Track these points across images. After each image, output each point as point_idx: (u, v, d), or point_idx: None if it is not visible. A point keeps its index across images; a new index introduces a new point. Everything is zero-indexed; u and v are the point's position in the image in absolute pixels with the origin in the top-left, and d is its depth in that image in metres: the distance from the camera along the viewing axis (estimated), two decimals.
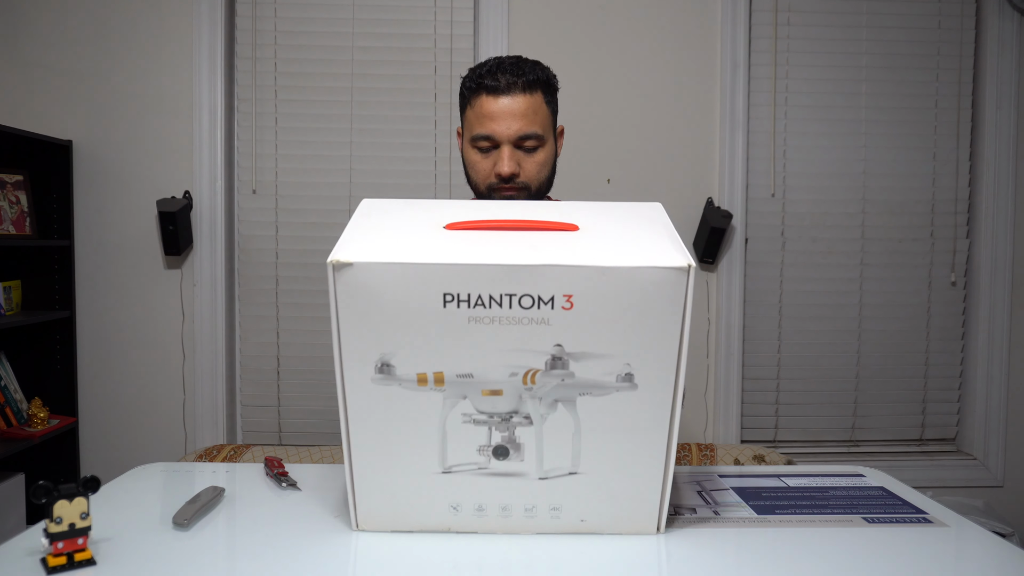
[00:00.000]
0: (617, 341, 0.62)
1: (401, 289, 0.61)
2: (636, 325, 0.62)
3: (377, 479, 0.70)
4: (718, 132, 2.19)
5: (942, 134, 2.26)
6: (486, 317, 0.62)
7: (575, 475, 0.67)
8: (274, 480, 0.89)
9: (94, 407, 2.16)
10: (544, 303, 0.62)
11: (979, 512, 2.10)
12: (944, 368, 2.30)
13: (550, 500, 0.68)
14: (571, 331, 0.62)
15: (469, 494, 0.69)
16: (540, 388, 0.64)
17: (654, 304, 0.62)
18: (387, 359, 0.64)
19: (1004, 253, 2.24)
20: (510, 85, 1.11)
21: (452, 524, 0.71)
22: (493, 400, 0.65)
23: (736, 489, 0.89)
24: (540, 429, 0.66)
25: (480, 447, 0.67)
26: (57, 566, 0.63)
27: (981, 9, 2.23)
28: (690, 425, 2.23)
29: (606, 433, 0.65)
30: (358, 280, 0.61)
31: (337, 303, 0.62)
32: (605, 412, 0.65)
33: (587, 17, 2.17)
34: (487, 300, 0.62)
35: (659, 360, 0.63)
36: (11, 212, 2.01)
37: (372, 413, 0.67)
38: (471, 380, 0.64)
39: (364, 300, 0.62)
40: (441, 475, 0.69)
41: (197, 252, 2.15)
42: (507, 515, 0.70)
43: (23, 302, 2.09)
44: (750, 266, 2.24)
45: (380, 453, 0.69)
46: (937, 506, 0.83)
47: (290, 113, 2.18)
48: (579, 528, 0.70)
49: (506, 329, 0.62)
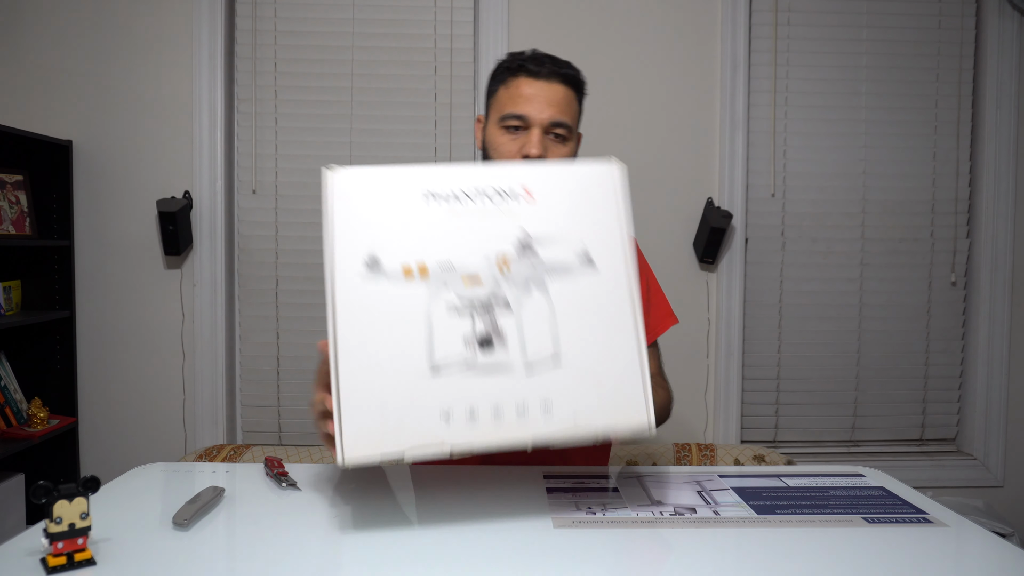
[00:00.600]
0: (572, 225, 0.76)
1: (388, 189, 0.73)
2: (584, 212, 0.77)
3: (366, 390, 0.69)
4: (718, 132, 2.19)
5: (942, 134, 2.26)
6: (462, 211, 0.74)
7: (559, 365, 0.72)
8: (274, 480, 0.89)
9: (94, 407, 2.16)
10: (509, 196, 0.76)
11: (979, 512, 2.10)
12: (944, 368, 2.30)
13: (540, 394, 0.71)
14: (533, 218, 0.75)
15: (459, 397, 0.69)
16: (514, 274, 0.73)
17: (595, 195, 0.78)
18: (375, 252, 0.71)
19: (1004, 253, 2.24)
20: (551, 73, 1.13)
21: (445, 436, 0.69)
22: (473, 289, 0.72)
23: (736, 489, 0.89)
24: (519, 315, 0.73)
25: (465, 338, 0.71)
26: (57, 566, 0.63)
27: (981, 9, 2.23)
28: (690, 425, 2.23)
29: (578, 314, 0.74)
30: (351, 182, 0.73)
31: (333, 204, 0.71)
32: (574, 293, 0.74)
33: (587, 17, 2.17)
34: (461, 196, 0.75)
35: (609, 243, 0.76)
36: (11, 212, 2.01)
37: (361, 314, 0.69)
38: (452, 270, 0.72)
39: (356, 199, 0.72)
40: (430, 379, 0.69)
41: (197, 252, 2.15)
42: (499, 420, 0.70)
43: (23, 302, 2.09)
44: (750, 266, 2.24)
45: (368, 356, 0.69)
46: (937, 506, 0.83)
47: (290, 113, 2.18)
48: (574, 430, 0.71)
49: (479, 221, 0.74)
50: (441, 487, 0.89)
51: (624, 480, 0.93)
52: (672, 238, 2.19)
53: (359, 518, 0.79)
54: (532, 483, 0.91)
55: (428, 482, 0.91)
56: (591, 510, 0.81)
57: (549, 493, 0.87)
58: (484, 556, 0.69)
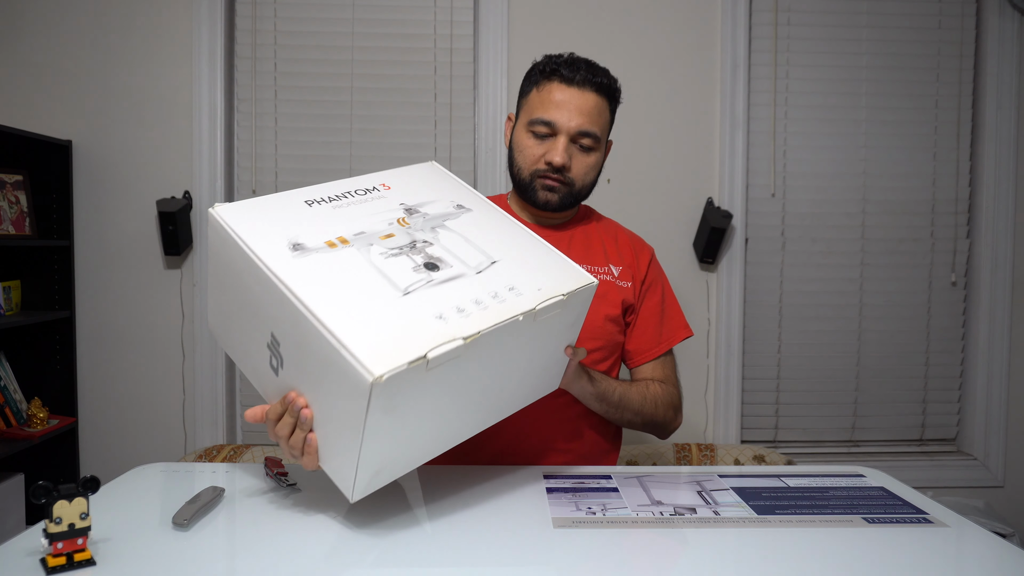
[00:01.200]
0: (434, 193, 0.93)
1: (272, 207, 0.83)
2: (435, 186, 0.95)
3: (356, 319, 0.69)
4: (718, 132, 2.19)
5: (942, 134, 2.26)
6: (343, 205, 0.86)
7: (499, 264, 0.82)
8: (274, 480, 0.89)
9: (94, 407, 2.16)
10: (371, 191, 0.91)
11: (979, 512, 2.10)
12: (944, 368, 2.30)
13: (502, 283, 0.79)
14: (402, 197, 0.91)
15: (440, 302, 0.74)
16: (415, 226, 0.85)
17: (432, 178, 0.97)
18: (293, 240, 0.78)
19: (1004, 253, 2.24)
20: (585, 80, 1.11)
21: (451, 330, 0.71)
22: (392, 240, 0.82)
23: (736, 489, 0.89)
24: (442, 244, 0.83)
25: (414, 268, 0.78)
26: (57, 566, 0.63)
27: (981, 9, 2.23)
28: (690, 425, 2.23)
29: (483, 233, 0.87)
30: (237, 210, 0.82)
31: (232, 228, 0.79)
32: (468, 224, 0.88)
33: (587, 18, 2.17)
34: (336, 198, 0.87)
35: (468, 197, 0.94)
36: (11, 212, 2.01)
37: (310, 276, 0.73)
38: (366, 235, 0.82)
39: (249, 219, 0.80)
40: (406, 299, 0.74)
41: (197, 252, 2.15)
42: (483, 307, 0.75)
43: (23, 302, 2.09)
44: (750, 266, 2.24)
45: (339, 299, 0.71)
46: (937, 506, 0.83)
47: (290, 113, 2.18)
48: (544, 297, 0.79)
49: (360, 207, 0.87)
50: (441, 487, 0.89)
51: (624, 480, 0.93)
52: (672, 238, 2.19)
53: (359, 518, 0.79)
54: (532, 483, 0.91)
55: (428, 482, 0.91)
56: (591, 510, 0.81)
57: (549, 493, 0.87)
58: (484, 556, 0.69)
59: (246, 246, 0.76)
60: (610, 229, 1.27)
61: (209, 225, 0.82)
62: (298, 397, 0.75)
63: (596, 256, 1.20)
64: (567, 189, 1.14)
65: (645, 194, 2.18)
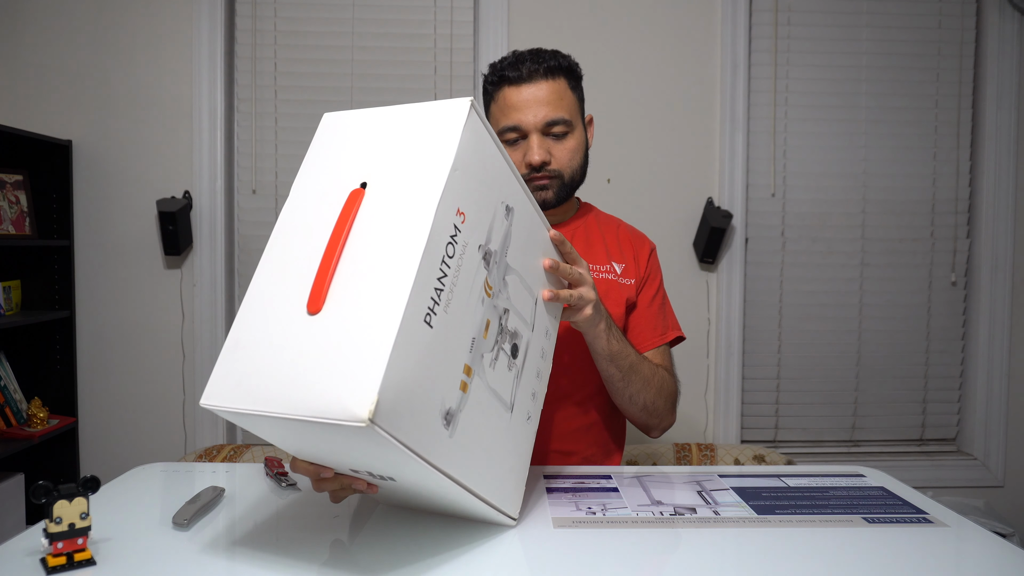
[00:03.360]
0: (483, 192, 0.73)
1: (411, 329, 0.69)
2: (481, 179, 0.73)
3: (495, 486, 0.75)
4: (718, 132, 2.19)
5: (942, 134, 2.25)
6: (450, 294, 0.66)
7: (537, 300, 0.84)
8: (274, 480, 0.89)
9: (94, 407, 2.16)
10: (454, 237, 0.69)
11: (979, 512, 2.10)
12: (944, 368, 2.30)
13: (538, 349, 0.84)
14: (474, 227, 0.71)
15: (525, 403, 0.81)
16: (494, 284, 0.74)
17: (475, 150, 0.73)
18: (445, 408, 0.69)
19: (1004, 253, 2.24)
20: (532, 73, 1.09)
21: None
22: (490, 334, 0.73)
23: (736, 489, 0.89)
24: (511, 301, 0.78)
25: (508, 364, 0.77)
26: (57, 566, 0.63)
27: (981, 9, 2.23)
28: (690, 425, 2.23)
29: (527, 254, 0.82)
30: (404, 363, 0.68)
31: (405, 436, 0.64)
32: (518, 249, 0.79)
33: (587, 18, 2.17)
34: (440, 284, 0.67)
35: (506, 183, 0.77)
36: (11, 212, 2.01)
37: (461, 457, 0.70)
38: (476, 341, 0.70)
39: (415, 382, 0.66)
40: (512, 415, 0.78)
41: (197, 252, 2.15)
42: (537, 403, 0.84)
43: (23, 302, 2.09)
44: (750, 266, 2.24)
45: (486, 474, 0.73)
46: (937, 506, 0.83)
47: (290, 113, 2.18)
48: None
49: (458, 289, 0.67)
50: None
51: (624, 480, 0.93)
52: (672, 238, 2.19)
53: (359, 517, 0.79)
54: (532, 483, 0.91)
55: None
56: (591, 510, 0.81)
57: (549, 493, 0.87)
58: (484, 556, 0.69)
59: (412, 451, 0.60)
60: (611, 225, 1.25)
61: (363, 433, 0.56)
62: (370, 487, 0.70)
63: (597, 254, 1.19)
64: (558, 182, 1.13)
65: (645, 194, 2.18)
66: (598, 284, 1.14)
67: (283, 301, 0.65)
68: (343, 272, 0.64)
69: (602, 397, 1.14)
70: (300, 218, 0.72)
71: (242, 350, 0.64)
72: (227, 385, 0.63)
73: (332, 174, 0.74)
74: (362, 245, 0.65)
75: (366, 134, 0.76)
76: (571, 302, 0.90)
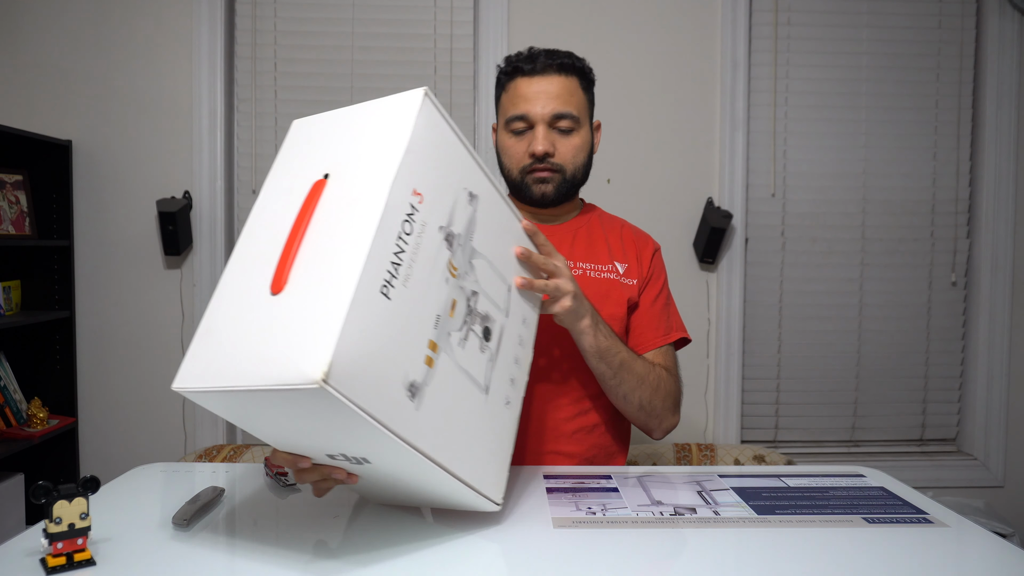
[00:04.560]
0: (442, 176, 0.75)
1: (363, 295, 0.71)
2: (438, 165, 0.75)
3: (472, 465, 0.74)
4: (718, 132, 2.19)
5: (942, 134, 2.25)
6: (408, 270, 0.68)
7: (511, 288, 0.86)
8: (274, 480, 0.89)
9: (94, 407, 2.16)
10: (412, 215, 0.71)
11: (979, 512, 2.10)
12: (944, 368, 2.30)
13: (515, 335, 0.86)
14: (432, 208, 0.73)
15: (502, 387, 0.81)
16: (459, 266, 0.75)
17: (428, 136, 0.75)
18: (409, 381, 0.70)
19: (1004, 253, 2.24)
20: (545, 66, 1.12)
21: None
22: (457, 313, 0.75)
23: (736, 489, 0.89)
24: (480, 284, 0.79)
25: (480, 346, 0.78)
26: (57, 566, 0.63)
27: (981, 9, 2.23)
28: (690, 425, 2.23)
29: (495, 238, 0.84)
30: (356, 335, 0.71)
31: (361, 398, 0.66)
32: (484, 233, 0.81)
33: (587, 17, 2.17)
34: (397, 259, 0.69)
35: (467, 170, 0.80)
36: (11, 212, 2.01)
37: (432, 430, 0.71)
38: (441, 319, 0.72)
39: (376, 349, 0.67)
40: (488, 396, 0.78)
41: (197, 252, 2.15)
42: (518, 390, 0.85)
43: (23, 302, 2.09)
44: (750, 266, 2.24)
45: (463, 454, 0.73)
46: (937, 506, 0.83)
47: (290, 113, 2.18)
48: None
49: (419, 265, 0.70)
50: None
51: (624, 480, 0.93)
52: (672, 238, 2.19)
53: (359, 517, 0.79)
54: (532, 483, 0.91)
55: None
56: (591, 510, 0.81)
57: (549, 493, 0.87)
58: (484, 555, 0.69)
59: (372, 418, 0.60)
60: (615, 225, 1.25)
61: (313, 393, 0.57)
62: (350, 477, 0.71)
63: (600, 254, 1.18)
64: (559, 176, 1.13)
65: (645, 194, 2.18)
66: (600, 284, 1.14)
67: (249, 286, 0.68)
68: (305, 253, 0.67)
69: (606, 399, 1.13)
70: (268, 212, 0.76)
71: (211, 335, 0.67)
72: (196, 369, 0.65)
73: (298, 170, 0.78)
74: (324, 227, 0.68)
75: (330, 132, 0.80)
76: (547, 292, 0.91)
